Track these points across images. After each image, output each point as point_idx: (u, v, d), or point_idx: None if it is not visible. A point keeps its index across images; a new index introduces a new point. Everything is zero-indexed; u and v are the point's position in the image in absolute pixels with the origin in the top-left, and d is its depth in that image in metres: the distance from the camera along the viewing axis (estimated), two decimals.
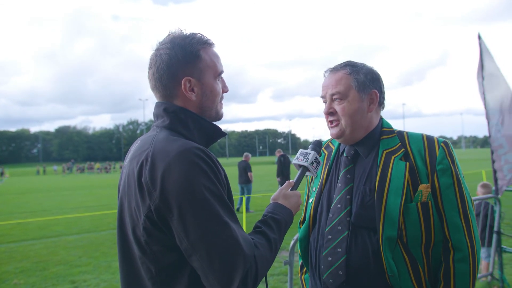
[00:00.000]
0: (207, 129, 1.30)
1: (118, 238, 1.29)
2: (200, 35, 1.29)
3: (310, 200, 1.67)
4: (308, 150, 1.53)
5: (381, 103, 1.60)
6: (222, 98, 1.37)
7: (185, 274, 1.15)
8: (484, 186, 5.43)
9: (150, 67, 1.28)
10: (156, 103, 1.31)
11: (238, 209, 10.95)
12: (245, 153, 12.33)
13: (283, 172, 12.18)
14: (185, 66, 1.24)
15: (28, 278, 5.83)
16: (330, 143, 1.76)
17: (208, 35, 1.32)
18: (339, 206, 1.54)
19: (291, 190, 1.41)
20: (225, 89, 1.37)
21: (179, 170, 1.09)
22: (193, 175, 1.09)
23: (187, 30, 1.30)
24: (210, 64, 1.29)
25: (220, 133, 1.33)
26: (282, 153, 12.46)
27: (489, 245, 4.83)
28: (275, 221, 1.26)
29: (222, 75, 1.35)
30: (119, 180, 1.35)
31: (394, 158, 1.49)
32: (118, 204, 1.31)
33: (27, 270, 6.26)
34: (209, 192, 1.09)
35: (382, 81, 1.61)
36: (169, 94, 1.27)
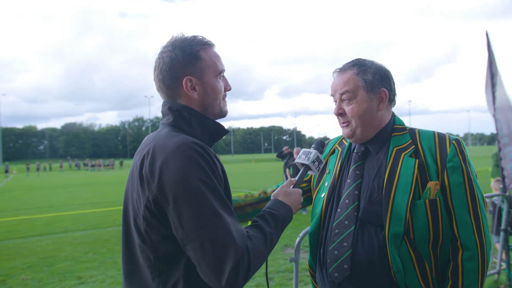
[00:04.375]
0: (210, 127, 1.35)
1: (122, 227, 1.37)
2: (200, 37, 1.36)
3: (322, 195, 1.67)
4: (311, 149, 1.55)
5: (391, 101, 1.59)
6: (225, 96, 1.41)
7: (181, 263, 1.21)
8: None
9: (154, 70, 1.36)
10: (163, 102, 1.38)
11: None
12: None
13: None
14: (185, 67, 1.31)
15: (35, 274, 5.88)
16: (343, 140, 1.76)
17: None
18: (347, 201, 1.55)
19: (292, 187, 1.44)
20: (227, 87, 1.42)
21: (176, 163, 1.15)
22: (189, 168, 1.14)
23: (189, 34, 1.37)
24: (210, 64, 1.34)
25: (223, 131, 1.39)
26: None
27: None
28: (273, 216, 1.29)
29: (224, 74, 1.41)
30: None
31: (404, 155, 1.49)
32: (124, 196, 1.38)
33: (34, 266, 6.32)
34: (204, 185, 1.14)
35: (392, 78, 1.59)
36: (173, 94, 1.34)
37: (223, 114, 1.41)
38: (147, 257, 1.24)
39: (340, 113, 1.57)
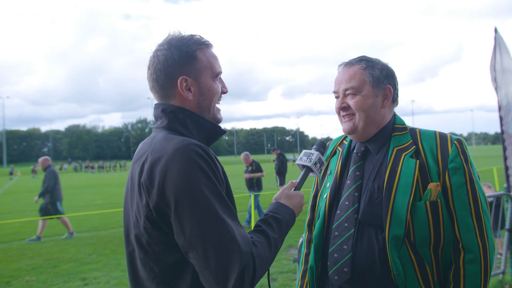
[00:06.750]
0: (206, 128, 1.30)
1: (124, 241, 1.31)
2: (198, 37, 1.31)
3: (324, 196, 1.65)
4: (312, 151, 1.52)
5: (394, 100, 1.59)
6: (220, 98, 1.37)
7: (189, 272, 1.15)
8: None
9: (148, 68, 1.31)
10: (155, 105, 1.33)
11: None
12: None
13: (282, 171, 12.08)
14: (181, 67, 1.26)
15: (39, 275, 5.90)
16: (344, 140, 1.74)
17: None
18: (346, 203, 1.53)
19: (294, 190, 1.40)
20: (224, 90, 1.37)
21: (177, 167, 1.09)
22: (191, 171, 1.09)
23: (186, 32, 1.32)
24: (207, 65, 1.30)
25: (220, 131, 1.34)
26: (279, 151, 12.26)
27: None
28: (276, 221, 1.25)
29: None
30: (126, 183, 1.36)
31: (405, 155, 1.47)
32: (124, 211, 1.32)
33: (39, 267, 6.35)
34: (206, 189, 1.09)
35: (396, 78, 1.59)
36: (166, 94, 1.29)
37: (216, 121, 1.36)
38: (151, 270, 1.18)
39: (344, 107, 1.54)
